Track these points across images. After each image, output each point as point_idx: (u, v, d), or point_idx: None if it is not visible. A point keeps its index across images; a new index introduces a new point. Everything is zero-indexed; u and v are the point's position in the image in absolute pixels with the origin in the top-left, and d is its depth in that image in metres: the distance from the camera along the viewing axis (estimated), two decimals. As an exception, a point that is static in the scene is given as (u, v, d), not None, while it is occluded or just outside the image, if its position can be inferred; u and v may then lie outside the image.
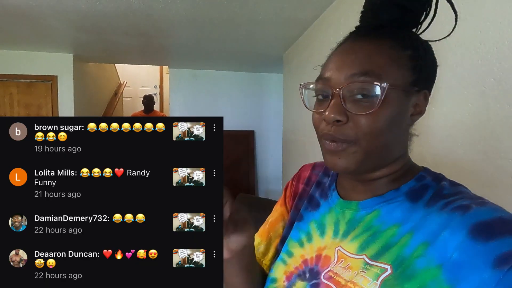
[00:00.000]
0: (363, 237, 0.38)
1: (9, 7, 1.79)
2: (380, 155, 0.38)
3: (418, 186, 0.38)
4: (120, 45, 2.59)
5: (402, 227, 0.36)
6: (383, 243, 0.36)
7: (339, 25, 1.68)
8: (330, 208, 0.44)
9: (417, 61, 0.37)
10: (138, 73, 5.03)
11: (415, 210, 0.36)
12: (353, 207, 0.41)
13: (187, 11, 1.84)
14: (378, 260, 0.35)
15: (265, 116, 3.77)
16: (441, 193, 0.36)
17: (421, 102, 0.38)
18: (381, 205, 0.39)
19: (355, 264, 0.37)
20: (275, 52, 2.78)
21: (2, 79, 2.80)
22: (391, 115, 0.36)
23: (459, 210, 0.32)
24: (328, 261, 0.40)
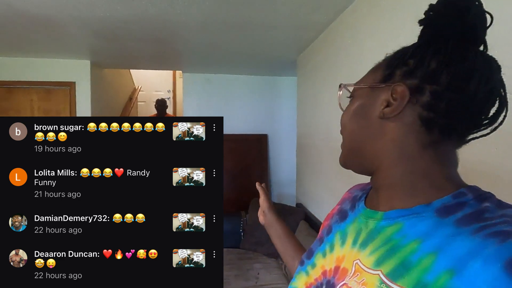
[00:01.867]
0: (381, 250, 0.36)
1: (31, 17, 1.85)
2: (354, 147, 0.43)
3: (453, 203, 0.34)
4: (135, 51, 2.63)
5: (424, 243, 0.32)
6: (401, 259, 0.33)
7: (357, 29, 1.65)
8: (355, 217, 0.44)
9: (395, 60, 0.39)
10: (151, 78, 5.11)
11: (442, 226, 0.32)
12: (378, 217, 0.39)
13: (202, 17, 1.85)
14: (396, 282, 0.32)
15: (278, 120, 3.75)
16: (480, 215, 0.32)
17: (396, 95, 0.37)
18: (406, 218, 0.36)
19: (370, 280, 0.35)
20: (288, 55, 2.77)
21: (23, 86, 2.90)
22: (354, 108, 0.42)
23: (496, 236, 0.28)
24: (345, 274, 0.39)
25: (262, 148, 3.66)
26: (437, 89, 0.36)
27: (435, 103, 0.36)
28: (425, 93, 0.36)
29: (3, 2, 1.65)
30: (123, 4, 1.67)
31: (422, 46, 0.38)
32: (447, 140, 0.37)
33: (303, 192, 2.76)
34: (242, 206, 3.06)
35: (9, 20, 1.91)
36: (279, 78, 3.71)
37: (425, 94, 0.36)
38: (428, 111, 0.36)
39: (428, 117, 0.36)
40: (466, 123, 0.37)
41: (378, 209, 0.40)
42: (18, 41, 2.35)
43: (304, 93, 2.71)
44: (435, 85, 0.36)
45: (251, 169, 3.59)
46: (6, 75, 2.85)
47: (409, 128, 0.37)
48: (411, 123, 0.37)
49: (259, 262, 2.22)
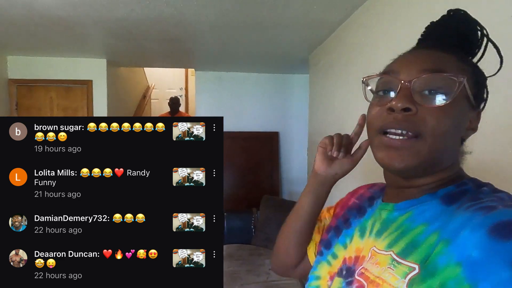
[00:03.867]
0: (393, 235, 0.39)
1: (52, 18, 1.92)
2: (439, 157, 0.38)
3: (456, 191, 0.38)
4: (150, 50, 2.69)
5: (429, 226, 0.36)
6: (410, 239, 0.36)
7: (370, 27, 1.64)
8: (373, 212, 0.46)
9: (477, 78, 0.40)
10: (165, 76, 5.19)
11: (446, 212, 0.36)
12: (389, 208, 0.42)
13: (216, 17, 1.88)
14: (406, 259, 0.35)
15: (290, 117, 3.75)
16: (475, 196, 0.36)
17: (474, 119, 0.40)
18: (415, 207, 0.39)
19: (382, 260, 0.38)
20: (300, 53, 2.77)
21: (43, 84, 3.00)
22: (458, 115, 0.37)
23: (483, 210, 0.32)
24: (363, 260, 0.42)
25: (273, 145, 3.68)
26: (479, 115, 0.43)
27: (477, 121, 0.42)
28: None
29: (26, 4, 1.72)
30: (140, 5, 1.72)
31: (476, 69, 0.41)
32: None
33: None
34: (254, 203, 3.09)
35: (30, 22, 1.99)
36: (291, 75, 3.71)
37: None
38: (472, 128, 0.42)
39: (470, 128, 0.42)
40: None
41: (391, 201, 0.43)
42: (39, 41, 2.44)
43: (316, 91, 2.71)
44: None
45: (262, 166, 3.61)
46: (28, 74, 2.96)
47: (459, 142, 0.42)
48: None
49: (270, 258, 2.25)
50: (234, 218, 2.71)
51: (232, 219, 2.70)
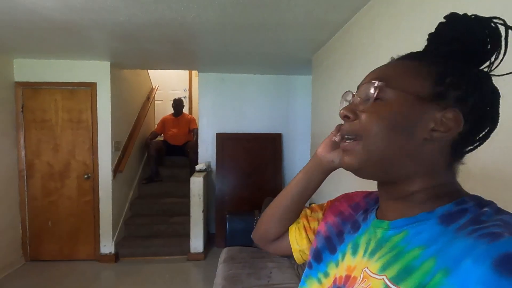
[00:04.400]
0: (387, 257, 0.37)
1: (56, 22, 1.94)
2: (385, 159, 0.39)
3: (455, 210, 0.36)
4: (153, 53, 2.70)
5: (426, 250, 0.34)
6: (404, 264, 0.34)
7: (373, 28, 1.62)
8: (366, 228, 0.44)
9: (447, 78, 0.37)
10: (168, 77, 5.21)
11: (445, 234, 0.34)
12: (384, 226, 0.40)
13: (217, 19, 1.88)
14: (398, 285, 0.33)
15: (292, 119, 3.74)
16: (478, 219, 0.33)
17: (448, 120, 0.36)
18: (411, 226, 0.37)
19: (375, 284, 0.36)
20: (303, 54, 2.75)
21: (48, 87, 3.04)
22: (393, 117, 0.38)
23: (487, 237, 0.29)
24: (354, 282, 0.40)
25: (276, 147, 3.67)
26: (477, 118, 0.38)
27: (472, 131, 0.39)
28: (468, 123, 0.37)
29: (30, 9, 1.74)
30: (142, 9, 1.72)
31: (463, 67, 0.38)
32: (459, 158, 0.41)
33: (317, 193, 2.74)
34: (257, 204, 3.08)
35: (35, 26, 2.01)
36: (293, 77, 3.70)
37: (467, 124, 0.37)
38: (462, 137, 0.38)
39: (460, 141, 0.38)
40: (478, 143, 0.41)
41: (386, 218, 0.41)
42: (44, 44, 2.47)
43: (319, 92, 2.69)
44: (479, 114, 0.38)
45: (265, 168, 3.60)
46: (33, 77, 3.00)
47: (442, 150, 0.38)
48: (445, 145, 0.38)
49: (272, 261, 2.24)
50: (236, 220, 2.71)
51: (234, 221, 2.70)
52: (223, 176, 3.55)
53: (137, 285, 2.69)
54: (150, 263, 3.12)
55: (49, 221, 3.12)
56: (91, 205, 3.15)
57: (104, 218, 3.16)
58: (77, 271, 2.94)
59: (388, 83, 0.38)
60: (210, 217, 3.69)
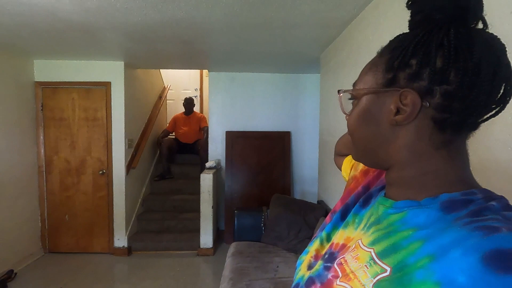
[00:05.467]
0: (379, 233, 0.38)
1: (73, 24, 2.04)
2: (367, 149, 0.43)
3: (460, 200, 0.34)
4: (164, 52, 2.78)
5: (417, 232, 0.34)
6: (392, 242, 0.35)
7: (379, 24, 1.63)
8: (373, 204, 0.46)
9: (395, 62, 0.37)
10: (180, 77, 5.32)
11: (441, 221, 0.33)
12: (387, 204, 0.41)
13: (226, 18, 1.93)
14: (382, 260, 0.35)
15: (301, 117, 3.76)
16: (479, 212, 0.32)
17: (406, 102, 0.36)
18: (412, 208, 0.37)
19: (362, 256, 0.38)
20: (311, 53, 2.77)
21: (66, 86, 3.18)
22: (360, 112, 0.42)
23: (482, 230, 0.28)
24: (346, 250, 0.43)
25: (285, 145, 3.70)
26: (448, 89, 0.34)
27: (448, 103, 0.35)
28: (436, 95, 0.35)
29: (49, 11, 1.84)
30: (154, 9, 1.80)
31: (422, 41, 0.36)
32: (458, 136, 0.37)
33: (325, 189, 2.77)
34: (264, 201, 3.13)
35: (54, 28, 2.12)
36: (302, 75, 3.72)
37: (436, 96, 0.35)
38: (442, 112, 0.35)
39: (441, 118, 0.36)
40: (479, 116, 0.36)
41: (391, 197, 0.42)
42: (61, 45, 2.59)
43: (327, 90, 2.71)
44: (445, 85, 0.34)
45: (274, 166, 3.64)
46: (52, 76, 3.14)
47: (421, 131, 0.37)
48: (424, 126, 0.37)
49: (278, 256, 2.28)
50: (244, 216, 2.76)
51: (243, 217, 2.75)
52: (232, 173, 3.61)
53: (149, 278, 2.78)
54: (161, 257, 3.21)
55: (66, 215, 3.26)
56: (106, 200, 3.28)
57: (118, 213, 3.28)
58: (92, 263, 3.06)
59: (356, 83, 0.43)
60: (219, 214, 3.75)
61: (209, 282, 2.81)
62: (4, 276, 2.62)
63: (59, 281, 2.70)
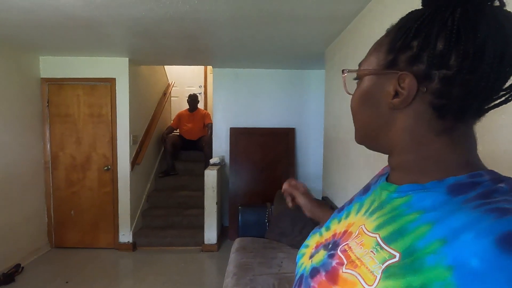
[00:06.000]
0: (384, 217, 0.37)
1: (77, 19, 2.04)
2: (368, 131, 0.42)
3: (467, 182, 0.33)
4: (168, 48, 2.78)
5: (424, 214, 0.33)
6: (399, 225, 0.34)
7: (385, 18, 1.61)
8: (374, 190, 0.45)
9: (397, 43, 0.36)
10: (184, 74, 5.32)
11: (449, 203, 0.32)
12: (391, 189, 0.40)
13: (230, 12, 1.92)
14: (390, 245, 0.33)
15: (306, 113, 3.73)
16: (488, 194, 0.31)
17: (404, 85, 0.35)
18: (417, 192, 0.36)
19: (367, 241, 0.36)
20: (316, 48, 2.75)
21: (71, 82, 3.20)
22: (362, 93, 0.41)
23: (494, 212, 0.28)
24: (349, 236, 0.41)
25: (289, 141, 3.68)
26: (447, 73, 0.33)
27: (447, 89, 0.33)
28: (434, 80, 0.34)
29: (53, 6, 1.85)
30: (157, 3, 1.79)
31: (426, 21, 0.34)
32: (462, 123, 0.36)
33: (329, 186, 2.75)
34: (268, 197, 3.12)
35: (58, 23, 2.13)
36: (306, 71, 3.69)
37: (434, 81, 0.34)
38: (440, 98, 0.34)
39: (440, 104, 0.34)
40: (482, 103, 0.34)
41: (394, 182, 0.41)
42: (66, 41, 2.60)
43: (332, 86, 2.68)
44: (444, 70, 0.33)
45: (278, 162, 3.63)
46: (57, 73, 3.16)
47: (420, 116, 0.36)
48: (423, 111, 0.36)
49: (282, 252, 2.27)
50: (248, 212, 2.75)
51: (247, 213, 2.74)
52: (236, 170, 3.61)
53: (154, 273, 2.80)
54: (166, 253, 3.23)
55: (72, 211, 3.29)
56: (111, 196, 3.30)
57: (123, 209, 3.30)
58: (97, 259, 3.09)
59: (361, 63, 0.42)
60: (223, 210, 3.76)
61: (213, 277, 2.82)
62: (11, 270, 2.65)
63: (65, 275, 2.73)
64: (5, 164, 2.73)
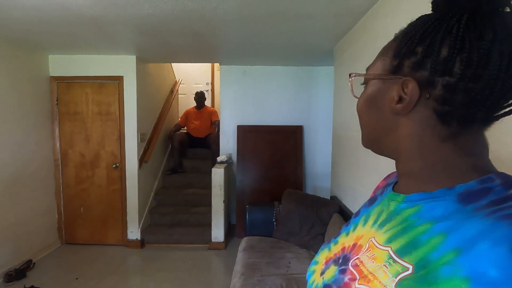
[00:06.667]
0: (395, 229, 0.36)
1: (84, 17, 2.04)
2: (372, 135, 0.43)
3: (478, 189, 0.33)
4: (175, 46, 2.76)
5: (436, 225, 0.32)
6: (411, 237, 0.33)
7: (397, 13, 1.55)
8: (381, 200, 0.44)
9: (403, 49, 0.36)
10: (191, 71, 5.31)
11: (460, 212, 0.31)
12: (399, 199, 0.39)
13: (237, 9, 1.88)
14: (402, 258, 0.33)
15: (314, 111, 3.68)
16: (502, 202, 0.30)
17: (407, 91, 0.36)
18: (426, 201, 0.35)
19: (380, 255, 0.36)
20: (325, 44, 2.69)
21: (80, 81, 3.21)
22: (367, 97, 0.42)
23: (508, 219, 0.27)
24: (360, 249, 0.41)
25: (297, 139, 3.64)
26: (450, 81, 0.33)
27: (450, 96, 0.33)
28: (437, 87, 0.34)
29: (61, 4, 1.84)
30: (163, 1, 1.77)
31: (432, 27, 0.34)
32: (468, 130, 0.35)
33: (338, 185, 2.71)
34: (276, 196, 3.09)
35: (65, 21, 2.13)
36: (315, 68, 3.63)
37: (437, 88, 0.34)
38: (443, 105, 0.34)
39: (444, 110, 0.34)
40: (489, 110, 0.34)
41: (403, 192, 0.40)
42: (74, 40, 2.61)
43: (341, 83, 2.63)
44: (447, 77, 0.33)
45: (286, 160, 3.59)
46: (66, 71, 3.18)
47: (424, 122, 0.36)
48: (426, 117, 0.36)
49: (290, 252, 2.25)
50: (256, 210, 2.74)
51: (254, 212, 2.73)
52: (244, 168, 3.59)
53: (162, 271, 2.82)
54: (174, 250, 3.24)
55: (81, 208, 3.34)
56: (119, 193, 3.32)
57: (131, 206, 3.32)
58: (106, 255, 3.12)
59: (369, 68, 0.42)
60: (231, 208, 3.75)
61: (220, 275, 2.82)
62: (23, 266, 2.70)
63: (75, 271, 2.77)
64: (17, 161, 2.77)
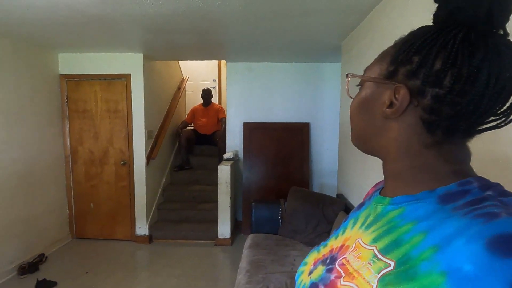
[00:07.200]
0: (380, 230, 0.38)
1: (91, 16, 2.06)
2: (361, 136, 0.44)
3: (457, 190, 0.35)
4: (182, 43, 2.77)
5: (418, 224, 0.34)
6: (395, 237, 0.35)
7: (405, 8, 1.51)
8: (369, 204, 0.46)
9: (400, 56, 0.38)
10: (198, 68, 5.32)
11: (440, 212, 0.34)
12: (385, 202, 0.41)
13: (242, 6, 1.87)
14: (386, 256, 0.35)
15: (321, 108, 3.65)
16: (478, 202, 0.32)
17: (398, 97, 0.37)
18: (409, 203, 0.37)
19: (365, 254, 0.38)
20: (332, 41, 2.65)
21: (88, 79, 3.26)
22: (360, 99, 0.43)
23: (482, 217, 0.29)
24: (346, 250, 0.43)
25: (304, 137, 3.62)
26: (439, 92, 0.35)
27: (437, 107, 0.35)
28: (427, 96, 0.35)
29: (68, 5, 1.86)
30: (168, -1, 1.77)
31: (429, 39, 0.36)
32: (451, 139, 0.37)
33: (345, 182, 2.69)
34: (282, 193, 3.09)
35: (74, 21, 2.15)
36: (322, 64, 3.59)
37: (426, 97, 0.36)
38: (430, 114, 0.36)
39: (430, 119, 0.36)
40: (472, 124, 0.36)
41: (389, 195, 0.42)
42: (83, 39, 2.64)
43: (348, 80, 2.59)
44: (437, 88, 0.35)
45: (292, 158, 3.58)
46: (75, 69, 3.23)
47: (411, 128, 0.38)
48: (413, 124, 0.38)
49: (295, 249, 2.25)
50: (261, 208, 2.74)
51: (260, 209, 2.73)
52: (250, 165, 3.59)
53: (169, 266, 2.86)
54: (181, 246, 3.29)
55: (91, 203, 3.41)
56: (127, 190, 3.38)
57: (139, 202, 3.37)
58: (115, 250, 3.19)
59: (366, 70, 0.44)
60: (237, 205, 3.77)
61: (226, 271, 2.85)
62: (36, 259, 2.79)
63: (85, 265, 2.84)
64: (28, 158, 2.84)
